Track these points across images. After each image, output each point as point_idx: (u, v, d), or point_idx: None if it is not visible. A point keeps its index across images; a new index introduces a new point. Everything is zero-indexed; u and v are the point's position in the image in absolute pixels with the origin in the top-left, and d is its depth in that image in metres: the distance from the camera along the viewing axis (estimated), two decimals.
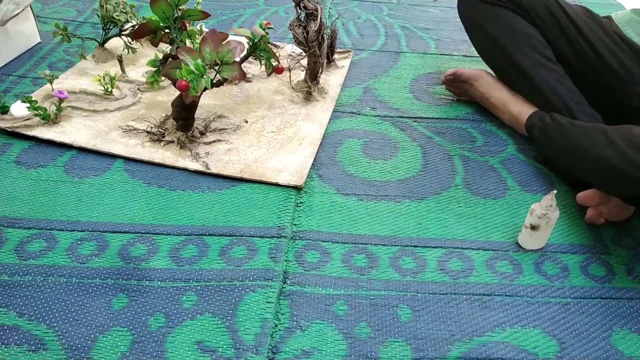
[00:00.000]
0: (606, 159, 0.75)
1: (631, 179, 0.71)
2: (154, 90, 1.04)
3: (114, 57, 1.11)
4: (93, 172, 0.84)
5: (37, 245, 0.71)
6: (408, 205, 0.83)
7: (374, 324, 0.64)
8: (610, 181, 0.76)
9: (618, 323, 0.66)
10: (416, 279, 0.71)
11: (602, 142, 0.76)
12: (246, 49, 0.91)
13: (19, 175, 0.83)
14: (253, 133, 0.95)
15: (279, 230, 0.76)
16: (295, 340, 0.62)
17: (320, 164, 0.90)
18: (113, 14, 1.06)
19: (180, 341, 0.61)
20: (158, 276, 0.68)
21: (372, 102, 1.08)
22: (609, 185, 0.77)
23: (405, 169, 0.90)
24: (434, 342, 0.62)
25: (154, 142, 0.90)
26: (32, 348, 0.59)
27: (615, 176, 0.74)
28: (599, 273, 0.73)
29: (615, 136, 0.75)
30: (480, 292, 0.69)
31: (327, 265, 0.72)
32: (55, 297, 0.64)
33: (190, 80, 0.78)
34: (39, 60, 1.13)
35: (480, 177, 0.89)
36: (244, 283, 0.68)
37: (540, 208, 0.72)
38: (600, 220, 0.80)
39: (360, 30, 1.37)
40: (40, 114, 0.90)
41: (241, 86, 1.08)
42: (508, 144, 0.97)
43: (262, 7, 1.48)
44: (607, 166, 0.75)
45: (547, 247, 0.76)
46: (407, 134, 0.99)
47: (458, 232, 0.78)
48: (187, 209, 0.79)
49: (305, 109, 1.02)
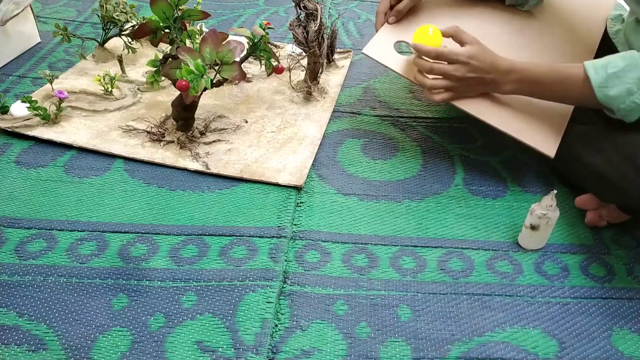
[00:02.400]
0: (595, 167, 0.74)
1: (620, 189, 0.71)
2: (154, 90, 1.04)
3: (114, 57, 1.11)
4: (93, 172, 0.84)
5: (37, 245, 0.71)
6: (408, 205, 0.83)
7: (374, 324, 0.64)
8: (600, 189, 0.76)
9: (618, 323, 0.66)
10: (416, 279, 0.71)
11: (592, 148, 0.76)
12: (246, 49, 0.91)
13: (19, 175, 0.83)
14: (253, 133, 0.95)
15: (279, 230, 0.76)
16: (295, 340, 0.62)
17: (320, 164, 0.90)
18: (113, 14, 1.05)
19: (180, 341, 0.61)
20: (158, 276, 0.68)
21: (372, 102, 1.08)
22: (600, 193, 0.77)
23: (405, 169, 0.90)
24: (434, 342, 0.62)
25: (154, 142, 0.90)
26: (32, 348, 0.59)
27: (605, 185, 0.73)
28: (599, 273, 0.73)
29: (604, 143, 0.74)
30: (480, 292, 0.69)
31: (327, 265, 0.72)
32: (55, 297, 0.64)
33: (190, 80, 0.78)
34: (39, 60, 1.13)
35: (480, 177, 0.89)
36: (244, 283, 0.68)
37: (540, 208, 0.72)
38: (602, 223, 0.79)
39: (360, 30, 1.37)
40: (40, 114, 0.90)
41: (241, 86, 1.08)
42: (508, 144, 0.97)
43: (262, 7, 1.48)
44: (596, 174, 0.74)
45: (547, 247, 0.76)
46: (407, 134, 0.99)
47: (458, 232, 0.78)
48: (187, 209, 0.79)
49: (305, 109, 1.02)
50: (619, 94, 0.69)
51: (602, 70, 0.70)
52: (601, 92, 0.70)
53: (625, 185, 0.70)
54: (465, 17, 0.94)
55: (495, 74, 0.78)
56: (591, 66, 0.71)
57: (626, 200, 0.73)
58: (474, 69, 0.78)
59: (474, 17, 0.94)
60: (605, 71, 0.70)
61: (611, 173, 0.71)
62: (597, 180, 0.75)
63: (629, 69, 0.68)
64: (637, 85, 0.68)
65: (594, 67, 0.71)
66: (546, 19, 0.97)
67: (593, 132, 0.79)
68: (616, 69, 0.69)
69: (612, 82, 0.69)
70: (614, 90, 0.69)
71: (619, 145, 0.72)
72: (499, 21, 0.95)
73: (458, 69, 0.78)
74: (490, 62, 0.78)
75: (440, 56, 0.79)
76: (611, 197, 0.75)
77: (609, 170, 0.72)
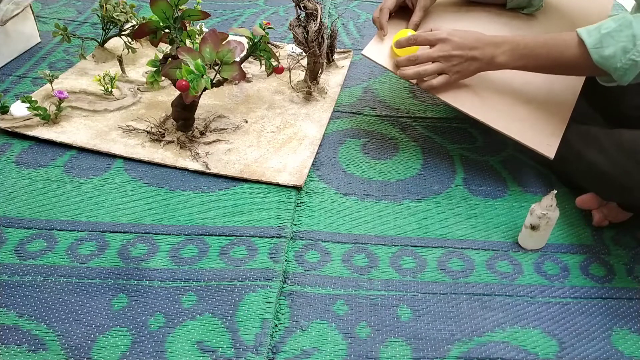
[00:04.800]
0: (597, 165, 0.74)
1: (622, 186, 0.71)
2: (154, 90, 1.04)
3: (114, 57, 1.11)
4: (93, 172, 0.84)
5: (37, 245, 0.71)
6: (408, 205, 0.83)
7: (374, 324, 0.64)
8: (602, 187, 0.76)
9: (618, 323, 0.66)
10: (416, 279, 0.71)
11: (593, 146, 0.76)
12: (246, 49, 0.91)
13: (19, 175, 0.83)
14: (253, 133, 0.95)
15: (279, 230, 0.76)
16: (295, 340, 0.62)
17: (320, 164, 0.90)
18: (113, 14, 1.06)
19: (180, 341, 0.61)
20: (158, 276, 0.68)
21: (372, 102, 1.08)
22: (602, 191, 0.77)
23: (405, 169, 0.90)
24: (434, 342, 0.62)
25: (154, 142, 0.90)
26: (32, 348, 0.59)
27: (607, 182, 0.73)
28: (599, 273, 0.73)
29: (606, 141, 0.74)
30: (480, 292, 0.69)
31: (327, 265, 0.72)
32: (55, 297, 0.64)
33: (190, 80, 0.78)
34: (38, 60, 1.13)
35: (480, 177, 0.89)
36: (244, 283, 0.68)
37: (540, 208, 0.72)
38: (604, 223, 0.80)
39: (360, 30, 1.37)
40: (40, 114, 0.90)
41: (241, 86, 1.08)
42: (508, 144, 0.97)
43: (262, 7, 1.48)
44: (598, 172, 0.74)
45: (547, 247, 0.76)
46: (407, 134, 0.99)
47: (458, 232, 0.78)
48: (187, 209, 0.79)
49: (305, 109, 1.02)
50: (614, 53, 0.69)
51: (596, 32, 0.70)
52: (596, 53, 0.70)
53: (628, 183, 0.70)
54: (466, 21, 0.94)
55: (483, 48, 0.77)
56: (584, 30, 0.72)
57: (629, 197, 0.73)
58: (457, 45, 0.78)
59: (476, 20, 0.94)
60: (599, 32, 0.70)
61: (613, 171, 0.71)
62: (599, 178, 0.75)
63: (621, 28, 0.68)
64: (632, 42, 0.68)
65: (586, 31, 0.71)
66: (547, 23, 0.97)
67: (595, 130, 0.79)
68: (609, 29, 0.69)
69: (606, 42, 0.69)
70: (608, 50, 0.69)
71: (622, 142, 0.72)
72: (500, 25, 0.95)
73: (441, 48, 0.78)
74: (475, 38, 0.78)
75: (421, 41, 0.80)
76: (613, 195, 0.75)
77: (611, 168, 0.72)
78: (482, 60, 0.79)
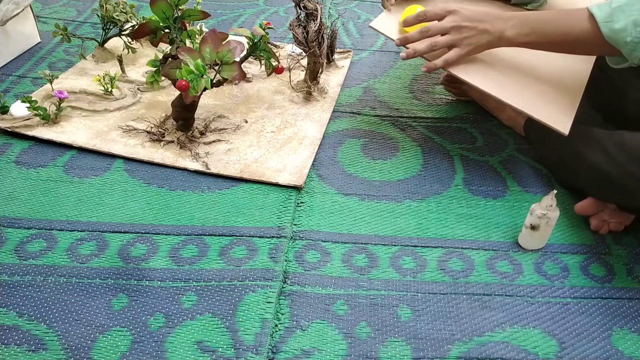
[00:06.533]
0: (598, 166, 0.74)
1: (623, 188, 0.70)
2: (154, 90, 1.04)
3: (114, 57, 1.11)
4: (93, 172, 0.84)
5: (37, 245, 0.71)
6: (408, 205, 0.83)
7: (374, 324, 0.64)
8: (603, 188, 0.76)
9: (618, 323, 0.66)
10: (416, 279, 0.71)
11: (595, 147, 0.75)
12: (246, 49, 0.91)
13: (19, 175, 0.83)
14: (253, 133, 0.95)
15: (279, 230, 0.76)
16: (295, 340, 0.62)
17: (320, 164, 0.90)
18: (113, 14, 1.06)
19: (180, 341, 0.61)
20: (158, 276, 0.68)
21: (372, 102, 1.08)
22: (603, 193, 0.77)
23: (405, 169, 0.90)
24: (434, 342, 0.62)
25: (154, 142, 0.90)
26: (32, 348, 0.59)
27: (608, 184, 0.73)
28: (599, 273, 0.73)
29: (607, 142, 0.74)
30: (480, 292, 0.69)
31: (327, 265, 0.72)
32: (55, 297, 0.64)
33: (190, 80, 0.78)
34: (38, 60, 1.13)
35: (480, 177, 0.89)
36: (244, 283, 0.68)
37: (540, 208, 0.72)
38: (604, 230, 0.79)
39: (360, 30, 1.37)
40: (40, 114, 0.90)
41: (241, 86, 1.08)
42: (508, 144, 0.97)
43: (262, 7, 1.48)
44: (599, 173, 0.74)
45: (547, 247, 0.76)
46: (407, 134, 0.99)
47: (458, 232, 0.78)
48: (187, 209, 0.79)
49: (305, 109, 1.02)
50: (624, 27, 0.68)
51: (606, 6, 0.70)
52: (606, 27, 0.69)
53: (630, 183, 0.70)
54: None
55: (493, 21, 0.77)
56: (594, 5, 0.71)
57: (630, 198, 0.72)
58: (467, 17, 0.77)
59: None
60: (610, 6, 0.69)
61: (615, 171, 0.71)
62: (600, 179, 0.74)
63: (633, 2, 0.68)
64: None
65: (597, 5, 0.71)
66: None
67: (596, 131, 0.78)
68: (620, 3, 0.69)
69: (616, 16, 0.69)
70: (619, 24, 0.68)
71: (623, 143, 0.72)
72: None
73: (452, 19, 0.78)
74: (484, 12, 0.78)
75: (431, 16, 0.79)
76: (614, 196, 0.75)
77: (612, 169, 0.72)
78: (493, 34, 0.77)
